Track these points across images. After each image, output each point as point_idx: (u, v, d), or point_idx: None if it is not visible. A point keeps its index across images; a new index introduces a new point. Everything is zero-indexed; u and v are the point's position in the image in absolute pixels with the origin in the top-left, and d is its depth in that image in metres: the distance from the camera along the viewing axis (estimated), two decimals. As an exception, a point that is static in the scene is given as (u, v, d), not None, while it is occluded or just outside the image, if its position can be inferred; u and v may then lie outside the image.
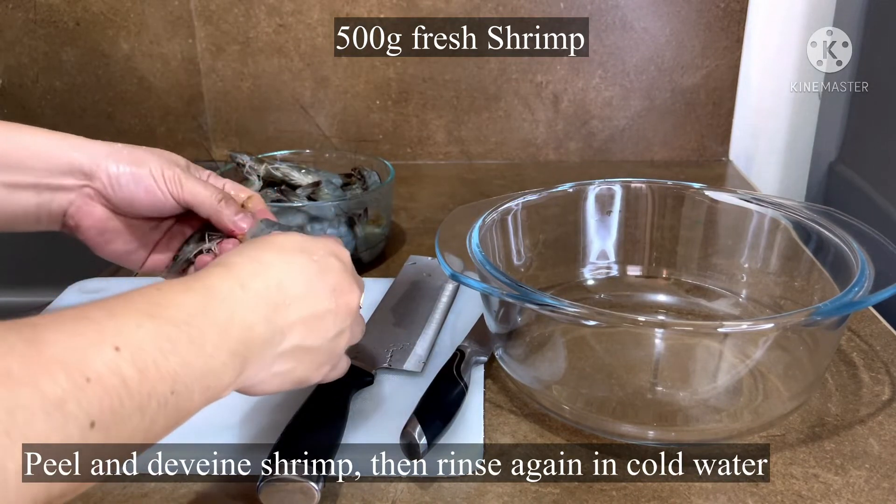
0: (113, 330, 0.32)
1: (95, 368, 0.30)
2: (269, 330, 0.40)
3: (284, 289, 0.41)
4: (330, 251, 0.46)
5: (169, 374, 0.33)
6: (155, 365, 0.32)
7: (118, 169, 0.52)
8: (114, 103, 1.12)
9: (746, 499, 0.48)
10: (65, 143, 0.51)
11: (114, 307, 0.33)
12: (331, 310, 0.44)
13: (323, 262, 0.45)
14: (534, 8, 1.05)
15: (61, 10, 1.08)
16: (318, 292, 0.43)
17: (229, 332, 0.37)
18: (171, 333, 0.34)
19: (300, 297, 0.42)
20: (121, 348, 0.31)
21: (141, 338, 0.32)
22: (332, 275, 0.45)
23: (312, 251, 0.45)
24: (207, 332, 0.36)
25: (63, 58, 1.10)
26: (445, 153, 1.14)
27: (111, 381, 0.30)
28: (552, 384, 0.57)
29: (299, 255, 0.44)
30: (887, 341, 0.65)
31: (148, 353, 0.32)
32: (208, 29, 1.08)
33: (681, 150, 1.13)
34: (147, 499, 0.48)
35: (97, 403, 0.29)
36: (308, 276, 0.43)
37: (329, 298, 0.44)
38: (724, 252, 0.71)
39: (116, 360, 0.31)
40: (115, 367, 0.30)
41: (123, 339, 0.31)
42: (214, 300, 0.37)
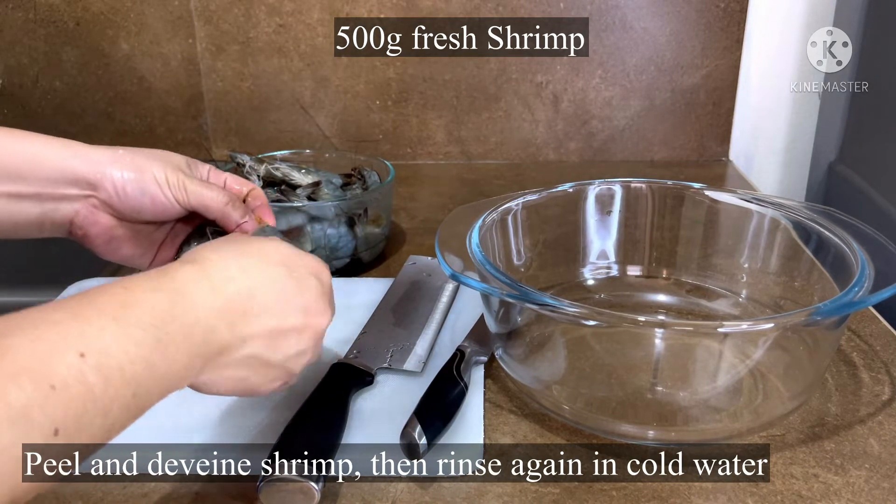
0: (77, 334, 0.31)
1: (60, 376, 0.30)
2: (232, 336, 0.39)
3: (255, 298, 0.41)
4: (312, 270, 0.46)
5: (133, 379, 0.33)
6: (120, 370, 0.32)
7: (122, 178, 0.51)
8: (114, 103, 1.12)
9: (746, 499, 0.48)
10: (66, 152, 0.51)
11: (78, 308, 0.33)
12: (297, 328, 0.44)
13: (301, 280, 0.44)
14: (534, 8, 1.05)
15: (61, 10, 1.08)
16: (288, 309, 0.43)
17: (194, 336, 0.37)
18: (138, 337, 0.34)
19: (269, 309, 0.42)
20: (86, 354, 0.31)
21: (106, 342, 0.32)
22: (307, 294, 0.44)
23: (294, 266, 0.44)
24: (174, 334, 0.36)
25: (63, 58, 1.10)
26: (445, 153, 1.14)
27: (76, 389, 0.30)
28: (552, 384, 0.57)
29: (279, 268, 0.44)
30: (887, 341, 0.65)
31: (113, 358, 0.32)
32: (208, 29, 1.08)
33: (681, 150, 1.13)
34: (147, 499, 0.48)
35: (62, 411, 0.29)
36: (282, 291, 0.43)
37: (298, 317, 0.43)
38: (724, 252, 0.71)
39: (81, 366, 0.30)
40: (80, 375, 0.30)
41: (87, 343, 0.31)
42: (183, 302, 0.37)
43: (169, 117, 1.13)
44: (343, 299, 0.69)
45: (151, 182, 0.52)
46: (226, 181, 0.58)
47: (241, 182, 0.59)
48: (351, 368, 0.57)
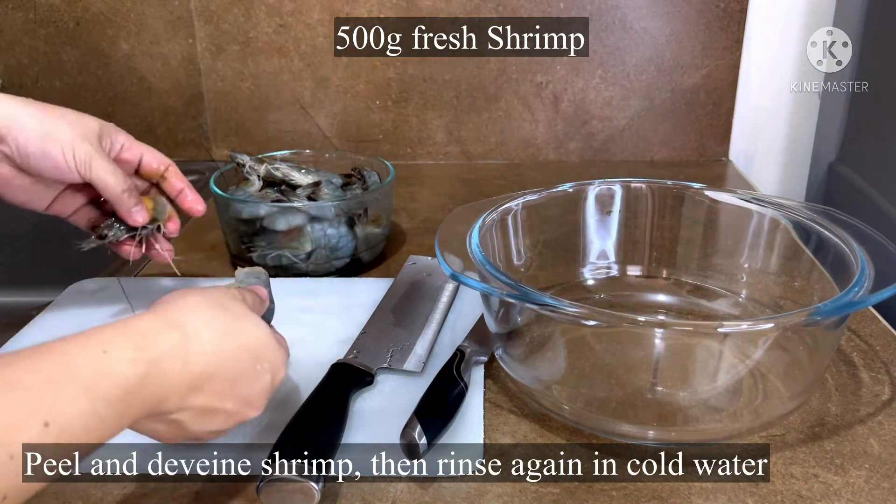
0: (47, 403, 0.32)
1: (20, 445, 0.30)
2: (177, 405, 0.39)
3: (213, 379, 0.41)
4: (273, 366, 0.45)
5: (83, 447, 0.33)
6: (76, 439, 0.33)
7: (27, 138, 0.52)
8: (114, 103, 1.12)
9: (746, 499, 0.48)
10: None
11: (54, 373, 0.33)
12: (229, 413, 0.43)
13: (260, 374, 0.44)
14: (534, 8, 1.05)
15: (61, 10, 1.07)
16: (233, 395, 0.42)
17: (148, 405, 0.37)
18: (103, 412, 0.34)
19: (219, 391, 0.41)
20: (49, 424, 0.31)
21: (71, 415, 0.32)
22: (256, 387, 0.44)
23: (261, 359, 0.44)
24: (134, 406, 0.36)
25: (63, 58, 1.10)
26: (445, 153, 1.14)
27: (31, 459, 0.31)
28: (552, 384, 0.57)
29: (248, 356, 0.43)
30: (887, 341, 0.65)
31: (74, 431, 0.32)
32: (208, 29, 1.08)
33: (680, 150, 1.13)
34: (147, 499, 0.48)
35: (14, 480, 0.30)
36: (239, 379, 0.42)
37: (236, 404, 0.43)
38: (724, 252, 0.71)
39: (42, 435, 0.31)
40: (39, 444, 0.31)
41: (54, 414, 0.32)
42: (154, 377, 0.37)
43: (169, 117, 1.13)
44: (343, 299, 0.70)
45: (56, 148, 0.52)
46: (142, 157, 0.59)
47: (158, 160, 0.60)
48: (351, 368, 0.57)
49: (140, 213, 0.58)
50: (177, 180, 0.62)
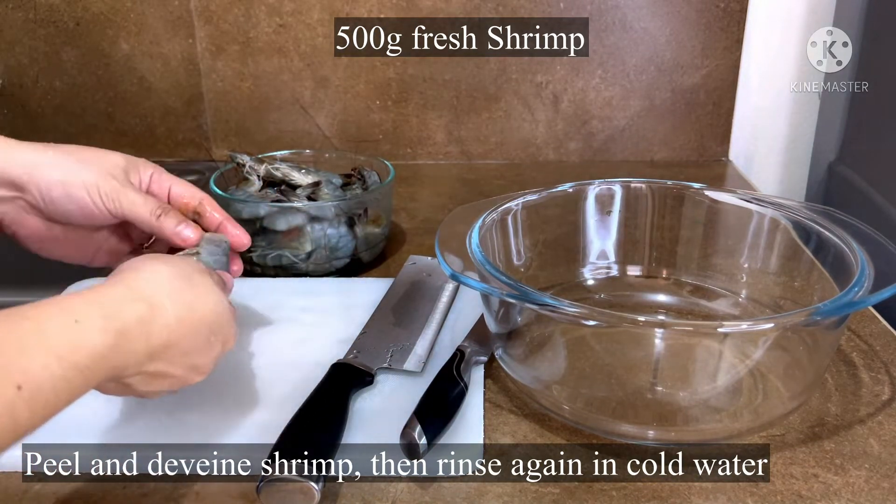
0: (20, 368, 0.33)
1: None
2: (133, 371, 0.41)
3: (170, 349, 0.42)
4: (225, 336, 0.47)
5: (54, 409, 0.35)
6: (45, 405, 0.34)
7: (49, 183, 0.50)
8: (114, 103, 1.12)
9: (746, 499, 0.48)
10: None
11: (27, 342, 0.34)
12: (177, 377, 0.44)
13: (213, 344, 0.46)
14: (534, 8, 1.05)
15: (61, 10, 1.07)
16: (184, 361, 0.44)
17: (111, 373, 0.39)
18: (72, 378, 0.35)
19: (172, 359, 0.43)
20: (22, 387, 0.33)
21: (43, 380, 0.34)
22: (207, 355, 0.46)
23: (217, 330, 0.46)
24: (99, 373, 0.37)
25: (63, 58, 1.10)
26: (445, 153, 1.14)
27: (4, 421, 0.32)
28: (552, 384, 0.57)
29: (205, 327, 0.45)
30: (887, 341, 0.65)
31: (44, 394, 0.34)
32: (208, 29, 1.08)
33: (680, 150, 1.13)
34: (147, 499, 0.48)
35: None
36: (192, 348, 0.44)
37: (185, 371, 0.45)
38: (724, 252, 0.71)
39: (14, 399, 0.32)
40: (11, 407, 0.32)
41: (27, 378, 0.33)
42: (119, 347, 0.38)
43: (169, 117, 1.13)
44: (343, 299, 0.70)
45: (81, 190, 0.51)
46: (170, 189, 0.56)
47: (188, 193, 0.57)
48: (351, 368, 0.57)
49: (186, 230, 0.54)
50: (215, 212, 0.58)
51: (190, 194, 0.57)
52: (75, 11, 1.07)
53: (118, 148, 0.56)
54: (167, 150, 1.13)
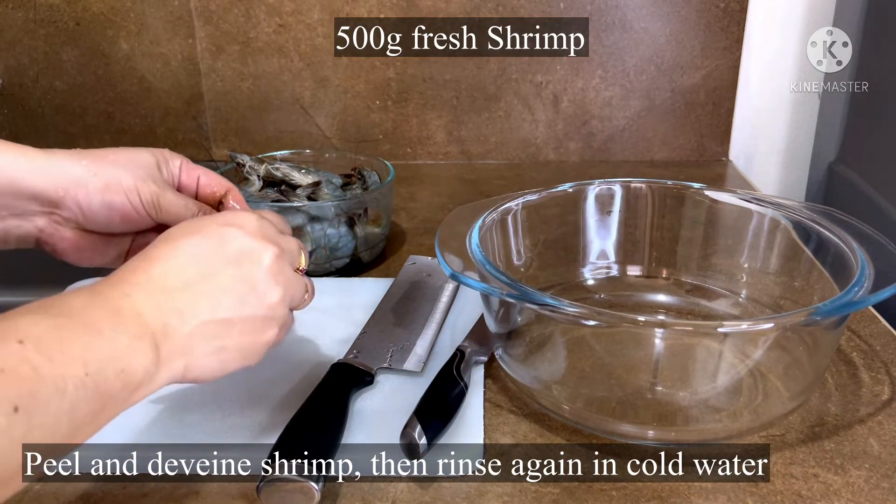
0: (12, 328, 0.33)
1: (6, 360, 0.32)
2: (162, 314, 0.40)
3: (171, 274, 0.41)
4: (224, 222, 0.45)
5: (76, 357, 0.34)
6: (60, 351, 0.34)
7: (88, 196, 0.49)
8: (114, 103, 1.12)
9: (746, 499, 0.48)
10: (27, 165, 0.48)
11: (9, 314, 0.35)
12: (237, 276, 0.43)
13: (216, 235, 0.44)
14: (534, 8, 1.05)
15: (61, 10, 1.07)
16: (213, 266, 0.43)
17: (123, 319, 0.38)
18: (65, 324, 0.35)
19: (193, 277, 0.42)
20: (24, 341, 0.33)
21: (38, 331, 0.34)
22: (229, 245, 0.44)
23: (201, 230, 0.44)
24: (99, 319, 0.37)
25: (63, 58, 1.10)
26: (445, 153, 1.14)
27: (24, 369, 0.32)
28: (552, 384, 0.57)
29: (188, 238, 0.44)
30: (887, 341, 0.65)
31: (49, 342, 0.34)
32: (208, 29, 1.08)
33: (680, 150, 1.13)
34: (147, 499, 0.48)
35: (15, 389, 0.31)
36: (199, 255, 0.43)
37: (230, 267, 0.43)
38: (724, 252, 0.71)
39: (22, 351, 0.33)
40: (24, 357, 0.32)
41: (23, 333, 0.33)
42: (98, 297, 0.38)
43: (169, 117, 1.13)
44: (343, 299, 0.70)
45: (121, 197, 0.50)
46: (199, 179, 0.56)
47: (215, 182, 0.56)
48: (351, 368, 0.57)
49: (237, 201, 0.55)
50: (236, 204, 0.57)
51: (216, 183, 0.56)
52: (75, 11, 1.07)
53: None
54: (167, 150, 1.13)
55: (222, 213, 0.48)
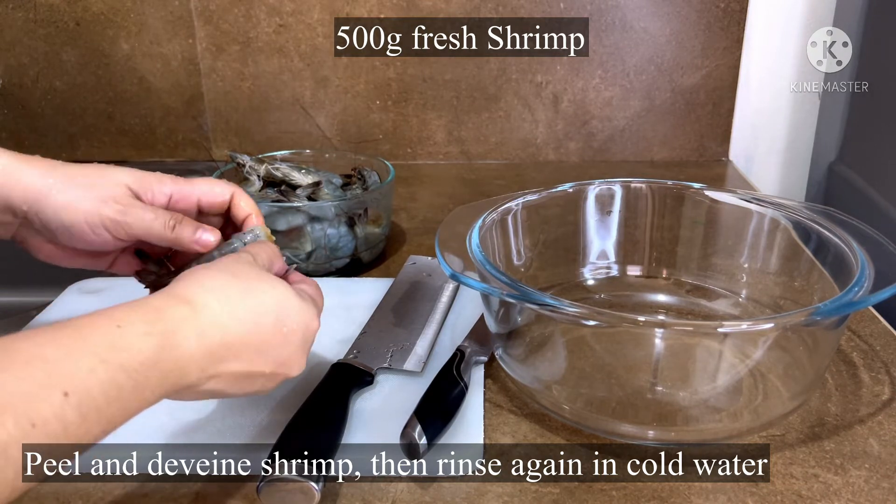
0: (66, 373, 0.32)
1: (42, 414, 0.31)
2: (201, 376, 0.40)
3: (236, 349, 0.41)
4: (302, 324, 0.45)
5: (107, 419, 0.34)
6: (97, 411, 0.33)
7: (47, 216, 0.49)
8: (114, 103, 1.12)
9: (746, 499, 0.48)
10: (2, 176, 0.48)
11: (71, 345, 0.34)
12: (266, 375, 0.44)
13: (288, 335, 0.44)
14: (534, 8, 1.05)
15: (61, 10, 1.07)
16: (264, 359, 0.43)
17: (169, 379, 0.37)
18: (121, 381, 0.34)
19: (245, 358, 0.42)
20: (69, 394, 0.32)
21: (91, 384, 0.33)
22: (288, 348, 0.44)
23: (284, 319, 0.44)
24: (152, 379, 0.36)
25: (63, 58, 1.10)
26: (445, 153, 1.14)
27: (54, 427, 0.31)
28: (552, 384, 0.57)
29: (268, 318, 0.43)
30: (887, 341, 0.65)
31: (94, 399, 0.33)
32: (208, 29, 1.08)
33: (680, 150, 1.13)
34: (147, 499, 0.48)
35: (37, 448, 0.31)
36: (265, 343, 0.43)
37: (271, 366, 0.43)
38: (724, 252, 0.71)
39: (63, 405, 0.32)
40: (61, 413, 0.31)
41: (74, 384, 0.32)
42: (169, 349, 0.37)
43: (169, 117, 1.13)
44: (343, 299, 0.70)
45: (78, 219, 0.49)
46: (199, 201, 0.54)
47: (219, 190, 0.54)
48: (351, 368, 0.57)
49: (204, 235, 0.51)
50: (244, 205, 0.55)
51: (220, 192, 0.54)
52: (75, 11, 1.07)
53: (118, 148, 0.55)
54: (167, 150, 1.13)
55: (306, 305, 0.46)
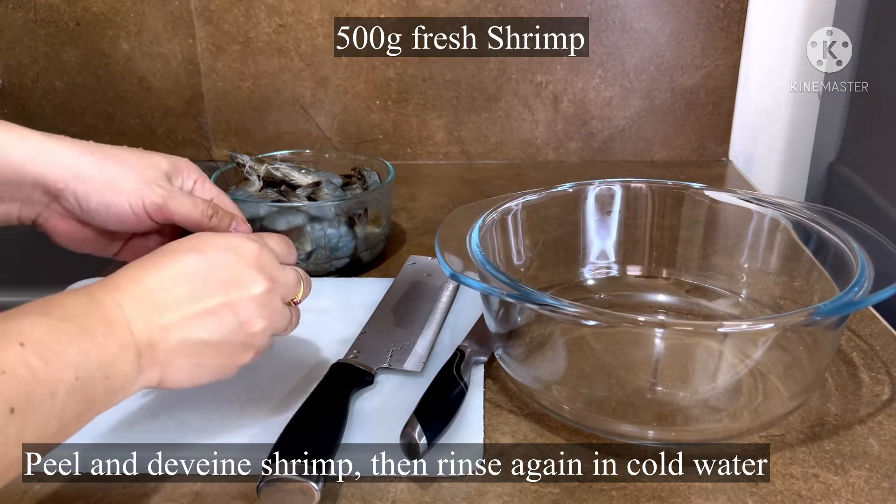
0: (14, 330, 0.35)
1: (7, 362, 0.33)
2: (149, 327, 0.41)
3: (164, 290, 0.42)
4: (226, 246, 0.46)
5: (70, 363, 0.36)
6: (56, 355, 0.35)
7: (87, 195, 0.49)
8: (114, 103, 1.12)
9: (746, 499, 0.48)
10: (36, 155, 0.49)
11: (11, 313, 0.36)
12: (225, 303, 0.44)
13: (214, 258, 0.45)
14: (534, 8, 1.05)
15: (61, 10, 1.07)
16: (204, 288, 0.44)
17: (115, 328, 0.39)
18: (65, 327, 0.37)
19: (183, 296, 0.43)
20: (24, 344, 0.34)
21: (39, 334, 0.36)
22: (223, 269, 0.45)
23: (202, 249, 0.45)
24: (95, 326, 0.38)
25: (63, 58, 1.10)
26: (445, 153, 1.14)
27: (22, 372, 0.34)
28: (552, 384, 0.57)
29: (187, 255, 0.44)
30: (887, 341, 0.65)
31: (48, 345, 0.35)
32: (208, 29, 1.08)
33: (680, 150, 1.13)
34: (147, 499, 0.48)
35: (13, 391, 0.33)
36: (193, 275, 0.44)
37: (220, 292, 0.44)
38: (724, 252, 0.71)
39: (23, 354, 0.34)
40: (23, 360, 0.34)
41: (24, 336, 0.35)
42: (95, 304, 0.40)
43: (169, 117, 1.13)
44: (343, 299, 0.70)
45: (121, 200, 0.50)
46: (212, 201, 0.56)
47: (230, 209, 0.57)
48: (351, 368, 0.57)
49: (241, 226, 0.55)
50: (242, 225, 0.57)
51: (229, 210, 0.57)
52: (75, 11, 1.07)
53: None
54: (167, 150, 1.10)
55: (228, 236, 0.48)
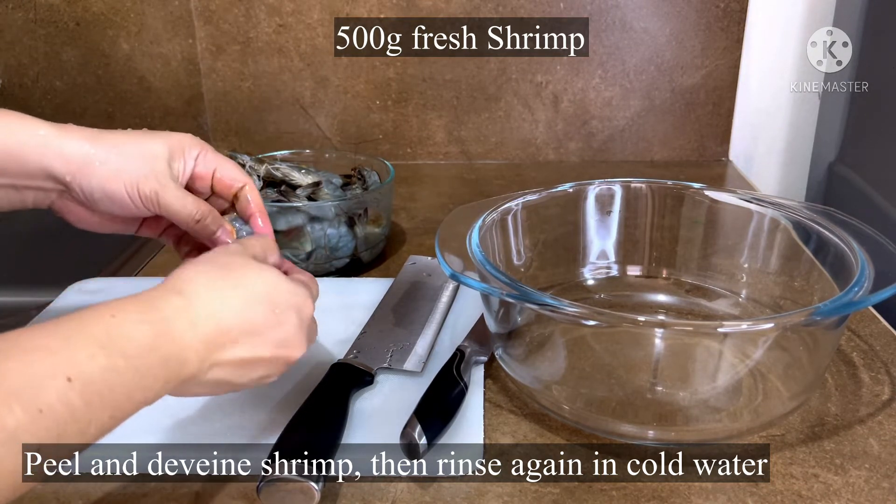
0: (67, 360, 0.34)
1: (48, 400, 0.32)
2: (202, 366, 0.41)
3: (232, 336, 0.42)
4: (295, 306, 0.46)
5: (111, 404, 0.35)
6: (100, 396, 0.34)
7: (91, 185, 0.50)
8: (114, 103, 1.12)
9: (746, 499, 0.48)
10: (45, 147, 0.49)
11: (70, 334, 0.35)
12: (266, 360, 0.44)
13: (281, 315, 0.45)
14: (534, 8, 1.05)
15: (61, 10, 1.08)
16: (262, 342, 0.44)
17: (169, 365, 0.38)
18: (120, 366, 0.36)
19: (243, 343, 0.43)
20: (73, 379, 0.33)
21: (91, 370, 0.34)
22: (285, 328, 0.45)
23: (276, 302, 0.45)
24: (151, 365, 0.37)
25: (63, 58, 1.10)
26: (445, 153, 1.14)
27: (61, 412, 0.32)
28: (552, 384, 0.57)
29: (262, 305, 0.44)
30: (887, 341, 0.65)
31: (96, 385, 0.34)
32: (208, 29, 1.08)
33: (680, 150, 1.13)
34: (147, 499, 0.48)
35: (45, 433, 0.32)
36: (260, 327, 0.44)
37: (271, 349, 0.44)
38: (724, 252, 0.71)
39: (67, 391, 0.33)
40: (65, 398, 0.33)
41: (76, 370, 0.34)
42: (164, 335, 0.39)
43: (169, 117, 1.13)
44: (343, 299, 0.70)
45: (120, 188, 0.51)
46: (215, 171, 0.56)
47: (231, 176, 0.56)
48: (351, 368, 0.57)
49: (223, 236, 0.55)
50: (248, 203, 0.57)
51: (232, 177, 0.56)
52: (75, 11, 1.07)
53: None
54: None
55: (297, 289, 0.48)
